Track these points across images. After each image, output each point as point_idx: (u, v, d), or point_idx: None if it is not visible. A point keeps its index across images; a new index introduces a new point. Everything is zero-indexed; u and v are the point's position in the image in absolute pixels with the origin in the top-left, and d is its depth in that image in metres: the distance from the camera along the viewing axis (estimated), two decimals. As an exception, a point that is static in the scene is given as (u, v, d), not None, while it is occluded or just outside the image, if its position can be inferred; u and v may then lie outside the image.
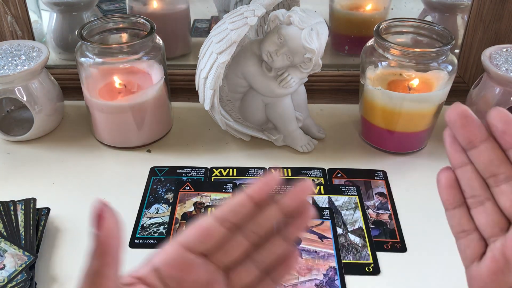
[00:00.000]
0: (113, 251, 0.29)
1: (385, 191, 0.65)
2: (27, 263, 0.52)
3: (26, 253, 0.53)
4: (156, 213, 0.62)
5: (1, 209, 0.58)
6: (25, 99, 0.70)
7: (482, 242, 0.34)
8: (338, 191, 0.65)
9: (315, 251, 0.57)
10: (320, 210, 0.62)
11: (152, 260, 0.33)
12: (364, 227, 0.60)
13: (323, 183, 0.67)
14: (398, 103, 0.67)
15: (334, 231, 0.59)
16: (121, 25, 0.73)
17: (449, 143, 0.33)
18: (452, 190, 0.34)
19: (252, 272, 0.33)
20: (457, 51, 0.82)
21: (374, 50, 0.68)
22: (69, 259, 0.56)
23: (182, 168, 0.69)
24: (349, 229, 0.60)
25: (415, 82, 0.67)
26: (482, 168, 0.33)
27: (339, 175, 0.68)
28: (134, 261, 0.34)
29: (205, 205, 0.63)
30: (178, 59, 0.88)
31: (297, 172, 0.68)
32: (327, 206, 0.63)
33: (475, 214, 0.33)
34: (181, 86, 0.81)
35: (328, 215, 0.61)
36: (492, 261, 0.32)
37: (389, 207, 0.63)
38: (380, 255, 0.57)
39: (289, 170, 0.69)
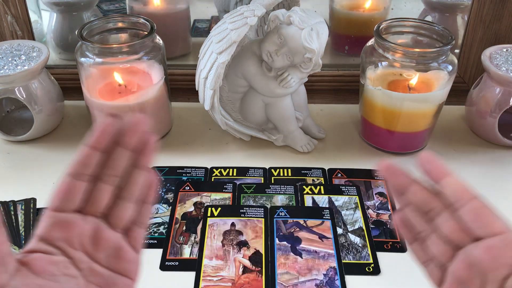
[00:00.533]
0: None
1: (385, 191, 0.65)
2: (27, 263, 0.52)
3: (26, 253, 0.53)
4: (156, 213, 0.62)
5: (1, 209, 0.58)
6: (25, 99, 0.70)
7: (442, 269, 0.37)
8: (338, 191, 0.65)
9: (315, 251, 0.57)
10: (320, 210, 0.62)
11: (35, 234, 0.35)
12: (364, 227, 0.60)
13: (323, 183, 0.67)
14: (398, 103, 0.67)
15: (334, 231, 0.59)
16: (121, 25, 0.73)
17: (390, 189, 0.39)
18: (405, 228, 0.39)
19: (128, 207, 0.36)
20: (457, 51, 0.82)
21: (374, 50, 0.68)
22: (69, 259, 0.56)
23: (182, 168, 0.69)
24: (349, 229, 0.60)
25: (414, 81, 0.67)
26: (419, 206, 0.38)
27: (339, 175, 0.68)
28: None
29: (205, 205, 0.63)
30: (178, 59, 0.88)
31: (297, 172, 0.68)
32: (327, 206, 0.63)
33: (428, 245, 0.38)
34: (181, 86, 0.81)
35: (328, 215, 0.61)
36: (450, 284, 0.36)
37: (389, 207, 0.63)
38: (380, 255, 0.57)
39: (289, 170, 0.69)
